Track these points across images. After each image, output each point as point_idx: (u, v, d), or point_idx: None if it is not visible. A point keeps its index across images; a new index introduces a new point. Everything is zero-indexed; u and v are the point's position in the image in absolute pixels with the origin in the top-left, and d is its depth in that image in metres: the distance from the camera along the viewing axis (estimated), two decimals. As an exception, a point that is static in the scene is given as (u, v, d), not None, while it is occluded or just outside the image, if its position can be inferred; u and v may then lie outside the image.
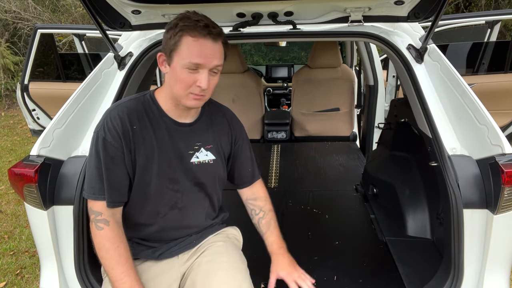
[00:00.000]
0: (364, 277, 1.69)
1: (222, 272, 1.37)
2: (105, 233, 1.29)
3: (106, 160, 1.29)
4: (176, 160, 1.38)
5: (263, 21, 1.79)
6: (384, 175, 2.33)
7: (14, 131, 6.90)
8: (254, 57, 6.39)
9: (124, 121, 1.30)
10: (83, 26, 6.04)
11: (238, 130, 1.56)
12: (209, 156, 1.44)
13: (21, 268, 2.86)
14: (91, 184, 1.32)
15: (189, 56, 1.22)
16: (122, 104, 1.36)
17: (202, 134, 1.44)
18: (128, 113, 1.32)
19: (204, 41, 1.23)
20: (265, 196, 1.60)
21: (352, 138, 3.88)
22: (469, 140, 1.55)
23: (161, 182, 1.36)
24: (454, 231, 1.45)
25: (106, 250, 1.28)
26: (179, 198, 1.41)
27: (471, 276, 1.49)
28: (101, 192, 1.30)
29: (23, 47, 9.20)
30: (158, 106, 1.38)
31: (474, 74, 3.88)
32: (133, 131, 1.31)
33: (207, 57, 1.24)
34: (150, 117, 1.36)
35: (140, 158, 1.33)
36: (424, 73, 1.76)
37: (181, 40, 1.23)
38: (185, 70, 1.24)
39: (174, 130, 1.38)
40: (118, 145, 1.29)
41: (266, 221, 1.55)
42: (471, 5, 8.54)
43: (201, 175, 1.43)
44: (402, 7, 1.68)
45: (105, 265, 1.29)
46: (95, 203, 1.32)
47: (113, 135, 1.29)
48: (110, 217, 1.31)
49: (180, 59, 1.24)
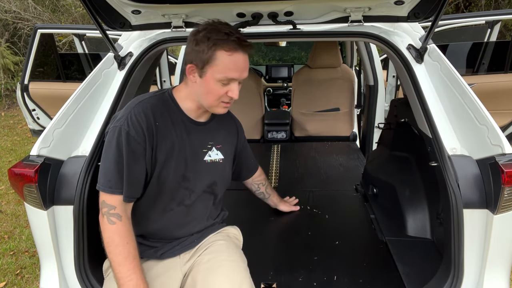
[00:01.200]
0: (364, 277, 1.69)
1: (222, 270, 1.38)
2: (116, 228, 1.29)
3: (128, 155, 1.29)
4: (191, 158, 1.41)
5: (263, 21, 1.79)
6: (384, 175, 2.33)
7: (14, 131, 6.90)
8: (254, 57, 6.39)
9: (148, 117, 1.32)
10: (83, 26, 6.04)
11: (241, 130, 1.68)
12: (219, 155, 1.49)
13: (21, 268, 2.86)
14: (108, 177, 1.30)
15: (224, 71, 1.26)
16: (145, 100, 1.37)
17: (214, 133, 1.49)
18: (152, 109, 1.34)
19: (238, 55, 1.27)
20: (262, 171, 2.01)
21: (352, 138, 3.88)
22: (469, 140, 1.55)
23: (176, 179, 1.39)
24: (454, 231, 1.45)
25: (116, 245, 1.28)
26: (187, 195, 1.43)
27: (471, 276, 1.49)
28: (118, 186, 1.29)
29: (23, 47, 9.20)
30: (177, 104, 1.41)
31: (474, 74, 3.88)
32: (156, 127, 1.33)
33: (242, 71, 1.29)
34: (171, 115, 1.38)
35: (160, 155, 1.34)
36: (424, 73, 1.76)
37: (215, 55, 1.25)
38: (219, 83, 1.28)
39: (191, 129, 1.42)
40: (141, 140, 1.30)
41: (270, 187, 2.10)
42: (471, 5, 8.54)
43: (212, 173, 1.47)
44: (402, 7, 1.68)
45: (112, 261, 1.29)
46: (110, 197, 1.31)
47: (137, 130, 1.29)
48: (123, 212, 1.31)
49: (215, 73, 1.27)
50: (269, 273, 1.71)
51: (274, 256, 1.85)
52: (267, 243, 1.98)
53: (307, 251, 1.88)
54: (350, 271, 1.73)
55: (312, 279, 1.66)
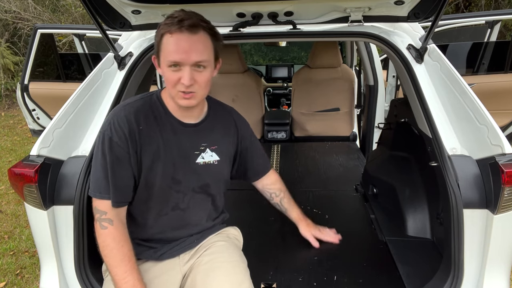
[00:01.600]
0: (364, 277, 1.69)
1: (222, 271, 1.37)
2: (109, 232, 1.29)
3: (112, 161, 1.29)
4: (181, 161, 1.38)
5: (263, 21, 1.79)
6: (384, 175, 2.33)
7: (14, 131, 6.89)
8: (254, 57, 6.39)
9: (130, 122, 1.30)
10: (83, 26, 6.04)
11: (243, 128, 1.59)
12: (214, 157, 1.44)
13: (21, 268, 2.86)
14: (97, 183, 1.32)
15: (169, 54, 1.22)
16: (129, 105, 1.36)
17: (208, 134, 1.44)
18: (135, 113, 1.33)
19: (180, 36, 1.20)
20: (279, 179, 1.81)
21: (352, 138, 3.88)
22: (469, 140, 1.55)
23: (165, 182, 1.37)
24: (454, 231, 1.45)
25: (110, 249, 1.28)
26: (180, 199, 1.41)
27: (471, 276, 1.49)
28: (106, 192, 1.30)
29: (23, 47, 9.20)
30: (165, 106, 1.38)
31: (474, 74, 3.88)
32: (140, 131, 1.31)
33: (184, 52, 1.20)
34: (156, 118, 1.36)
35: (146, 159, 1.33)
36: (424, 73, 1.76)
37: (162, 40, 1.24)
38: (169, 69, 1.24)
39: (179, 131, 1.38)
40: (125, 145, 1.29)
41: (287, 200, 1.82)
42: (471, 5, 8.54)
43: (206, 175, 1.44)
44: (402, 7, 1.68)
45: (108, 264, 1.29)
46: (101, 202, 1.32)
47: (120, 135, 1.29)
48: (115, 216, 1.32)
49: (164, 58, 1.24)
50: (269, 273, 1.71)
51: (274, 256, 1.85)
52: (267, 243, 1.98)
53: (307, 251, 1.88)
54: (350, 271, 1.73)
55: (312, 279, 1.66)
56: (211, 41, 1.27)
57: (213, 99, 1.55)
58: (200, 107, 1.42)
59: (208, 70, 1.27)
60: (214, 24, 1.29)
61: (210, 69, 1.28)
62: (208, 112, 1.47)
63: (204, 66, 1.25)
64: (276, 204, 1.82)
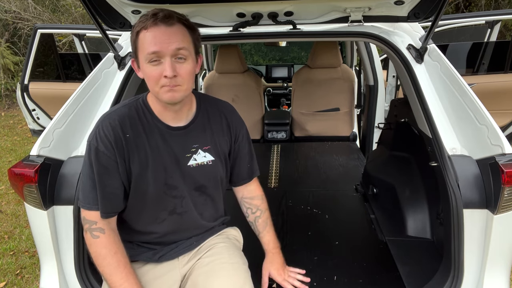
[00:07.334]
0: (364, 277, 1.69)
1: (223, 273, 1.36)
2: (101, 241, 1.28)
3: (99, 170, 1.27)
4: (172, 166, 1.35)
5: (263, 21, 1.79)
6: (384, 175, 2.33)
7: (14, 131, 6.90)
8: (254, 57, 6.39)
9: (116, 130, 1.28)
10: (83, 26, 6.04)
11: (238, 126, 1.49)
12: (208, 157, 1.40)
13: (21, 268, 2.86)
14: (85, 194, 1.30)
15: (146, 48, 1.19)
16: (114, 112, 1.33)
17: (199, 135, 1.39)
18: (120, 121, 1.30)
19: (156, 29, 1.19)
20: (261, 195, 1.61)
21: (352, 138, 3.88)
22: (469, 140, 1.55)
23: (158, 188, 1.34)
24: (454, 231, 1.45)
25: (103, 257, 1.27)
26: (177, 204, 1.39)
27: (471, 276, 1.49)
28: (95, 202, 1.29)
29: (23, 47, 9.21)
30: (151, 110, 1.35)
31: (474, 74, 3.88)
32: (126, 139, 1.29)
33: (163, 42, 1.18)
34: (143, 123, 1.33)
35: (134, 166, 1.30)
36: (424, 73, 1.76)
37: (138, 37, 1.22)
38: (149, 65, 1.21)
39: (168, 135, 1.34)
40: (111, 154, 1.27)
41: (263, 220, 1.57)
42: (471, 5, 8.54)
43: (201, 177, 1.40)
44: (402, 7, 1.69)
45: (103, 273, 1.28)
46: (89, 213, 1.30)
47: (106, 144, 1.26)
48: (106, 225, 1.30)
49: (142, 55, 1.21)
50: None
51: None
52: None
53: (307, 251, 1.88)
54: (350, 271, 1.73)
55: (312, 279, 1.66)
56: (188, 33, 1.24)
57: (203, 95, 1.50)
58: (187, 106, 1.37)
59: (189, 61, 1.23)
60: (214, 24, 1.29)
61: (191, 61, 1.24)
62: (197, 111, 1.41)
63: (184, 57, 1.22)
64: (250, 223, 1.59)
